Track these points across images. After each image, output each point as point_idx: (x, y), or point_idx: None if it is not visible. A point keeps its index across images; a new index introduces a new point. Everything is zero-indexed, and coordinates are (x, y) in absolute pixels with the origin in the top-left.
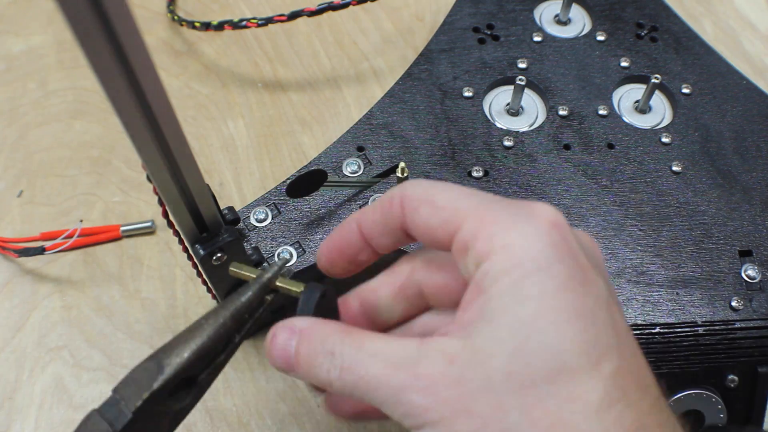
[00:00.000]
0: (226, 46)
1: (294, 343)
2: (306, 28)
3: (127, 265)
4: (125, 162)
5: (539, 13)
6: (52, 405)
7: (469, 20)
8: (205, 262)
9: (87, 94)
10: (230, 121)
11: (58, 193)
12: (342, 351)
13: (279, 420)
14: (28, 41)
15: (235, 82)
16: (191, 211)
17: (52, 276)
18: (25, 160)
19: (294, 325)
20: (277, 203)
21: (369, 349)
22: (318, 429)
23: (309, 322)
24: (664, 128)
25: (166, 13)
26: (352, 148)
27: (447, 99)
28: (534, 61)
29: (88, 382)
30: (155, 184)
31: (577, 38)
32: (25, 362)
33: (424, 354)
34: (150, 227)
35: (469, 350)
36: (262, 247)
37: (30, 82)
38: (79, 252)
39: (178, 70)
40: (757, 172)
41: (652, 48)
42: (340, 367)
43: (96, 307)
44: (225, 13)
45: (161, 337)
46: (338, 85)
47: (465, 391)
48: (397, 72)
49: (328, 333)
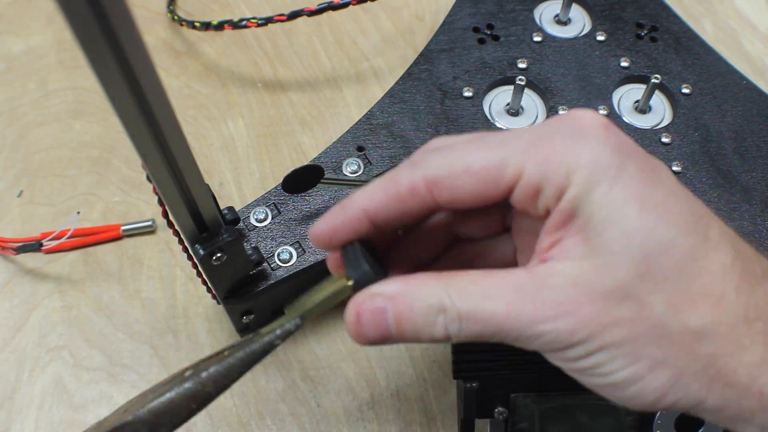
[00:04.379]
0: (226, 46)
1: (389, 311)
2: (306, 27)
3: (127, 265)
4: (125, 162)
5: (539, 13)
6: (52, 405)
7: (469, 20)
8: (205, 262)
9: (87, 94)
10: (230, 121)
11: (58, 193)
12: (453, 302)
13: (279, 420)
14: (28, 41)
15: (235, 82)
16: (191, 211)
17: (52, 276)
18: (25, 160)
19: (381, 292)
20: (277, 203)
21: (480, 292)
22: (318, 429)
23: (397, 285)
24: (664, 128)
25: (166, 13)
26: (352, 148)
27: (447, 99)
28: (534, 61)
29: (88, 382)
30: (155, 184)
31: (577, 38)
32: (25, 362)
33: (542, 282)
34: (151, 226)
35: (590, 268)
36: (262, 247)
37: (30, 82)
38: (79, 252)
39: (178, 70)
40: (757, 172)
41: (652, 48)
42: (459, 319)
43: (96, 307)
44: (225, 13)
45: (161, 337)
46: (338, 85)
47: (604, 305)
48: (397, 72)
49: (426, 289)
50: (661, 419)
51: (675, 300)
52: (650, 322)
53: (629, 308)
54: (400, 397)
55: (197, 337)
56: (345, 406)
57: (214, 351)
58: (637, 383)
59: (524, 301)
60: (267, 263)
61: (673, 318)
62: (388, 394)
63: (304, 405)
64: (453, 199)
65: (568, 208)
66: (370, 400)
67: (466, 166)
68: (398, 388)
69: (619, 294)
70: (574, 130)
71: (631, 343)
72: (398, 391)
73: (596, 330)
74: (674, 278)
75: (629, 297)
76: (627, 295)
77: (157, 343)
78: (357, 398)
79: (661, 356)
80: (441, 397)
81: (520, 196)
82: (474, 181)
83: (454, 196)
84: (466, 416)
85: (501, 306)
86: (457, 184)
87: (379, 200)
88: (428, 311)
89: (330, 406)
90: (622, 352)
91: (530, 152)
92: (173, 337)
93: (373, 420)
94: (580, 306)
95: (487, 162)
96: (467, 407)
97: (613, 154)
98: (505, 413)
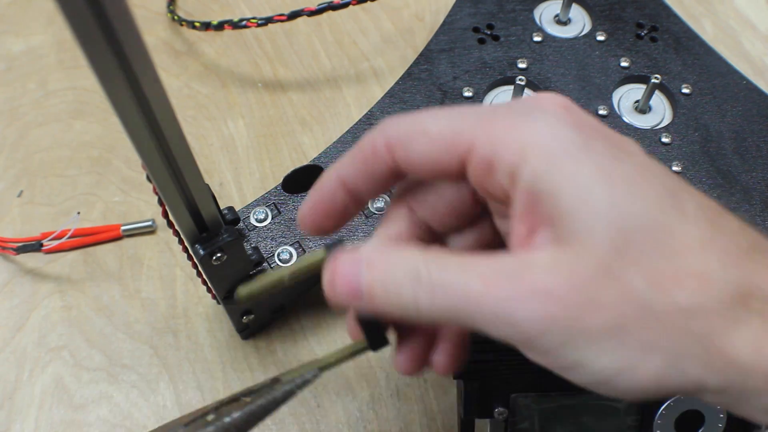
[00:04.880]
0: (226, 46)
1: (364, 272)
2: (306, 27)
3: (127, 265)
4: (125, 162)
5: (539, 13)
6: (52, 405)
7: (469, 20)
8: (205, 262)
9: (87, 94)
10: (230, 121)
11: (58, 193)
12: (429, 271)
13: (279, 420)
14: (28, 41)
15: (235, 82)
16: (191, 211)
17: (52, 276)
18: (25, 160)
19: (359, 253)
20: (277, 203)
21: (458, 265)
22: (318, 429)
23: (376, 248)
24: (664, 128)
25: (166, 13)
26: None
27: (447, 99)
28: (534, 61)
29: (88, 382)
30: (155, 184)
31: (577, 38)
32: (25, 362)
33: (523, 266)
34: (151, 226)
35: (568, 253)
36: (262, 247)
37: (30, 82)
38: (79, 252)
39: (178, 70)
40: (757, 172)
41: (652, 48)
42: (432, 289)
43: (96, 307)
44: (225, 13)
45: (161, 337)
46: (338, 85)
47: (584, 288)
48: (397, 72)
49: (404, 255)
50: (661, 419)
51: (657, 278)
52: (635, 303)
53: (611, 290)
54: (400, 397)
55: (197, 337)
56: (345, 406)
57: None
58: (627, 372)
59: (502, 280)
60: (267, 263)
61: (658, 296)
62: (388, 394)
63: (304, 405)
64: (410, 160)
65: (528, 188)
66: (370, 400)
67: (423, 130)
68: (398, 388)
69: (600, 276)
70: (532, 108)
71: (617, 327)
72: (398, 391)
73: (576, 314)
74: (653, 255)
75: (610, 278)
76: (607, 276)
77: (157, 343)
78: (357, 398)
79: (651, 339)
80: (441, 397)
81: (474, 171)
82: (430, 146)
83: (410, 157)
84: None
85: (477, 282)
86: (413, 146)
87: (348, 165)
88: (400, 276)
89: (330, 406)
90: (607, 338)
91: (483, 126)
92: (173, 337)
93: (373, 420)
94: (561, 291)
95: (442, 128)
96: (467, 407)
97: (575, 132)
98: (505, 413)
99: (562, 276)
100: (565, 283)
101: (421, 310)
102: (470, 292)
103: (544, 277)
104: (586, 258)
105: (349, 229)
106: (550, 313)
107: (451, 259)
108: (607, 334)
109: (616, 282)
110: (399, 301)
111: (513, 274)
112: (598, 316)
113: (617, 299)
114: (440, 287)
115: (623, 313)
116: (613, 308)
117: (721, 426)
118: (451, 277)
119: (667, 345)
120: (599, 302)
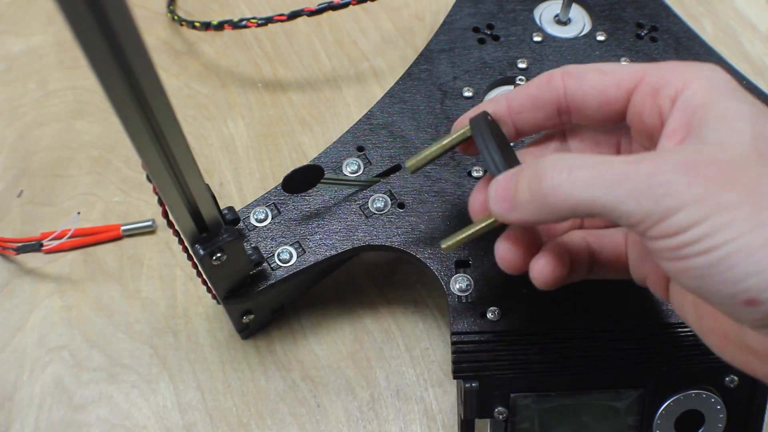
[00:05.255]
0: (226, 46)
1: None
2: (306, 27)
3: (127, 265)
4: (125, 162)
5: (539, 13)
6: (52, 405)
7: (469, 20)
8: (205, 262)
9: (87, 94)
10: (230, 121)
11: (58, 193)
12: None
13: (279, 420)
14: (28, 41)
15: (235, 82)
16: (191, 211)
17: (52, 276)
18: (25, 160)
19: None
20: (277, 203)
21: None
22: (318, 429)
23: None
24: None
25: (166, 13)
26: (352, 148)
27: (447, 99)
28: (534, 61)
29: (88, 382)
30: (155, 184)
31: (577, 38)
32: (25, 362)
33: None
34: (151, 226)
35: (712, 145)
36: (262, 247)
37: (30, 82)
38: (79, 252)
39: (178, 70)
40: None
41: (652, 48)
42: (568, 169)
43: (96, 307)
44: (225, 13)
45: (161, 337)
46: (338, 85)
47: (724, 169)
48: (397, 72)
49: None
50: (661, 419)
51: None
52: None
53: (748, 175)
54: (400, 397)
55: (197, 337)
56: (345, 406)
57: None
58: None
59: (645, 160)
60: (267, 263)
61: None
62: (388, 394)
63: (304, 405)
64: (581, 90)
65: (686, 106)
66: (370, 400)
67: (597, 68)
68: (398, 388)
69: (739, 165)
70: (697, 64)
71: (752, 204)
72: (398, 391)
73: (713, 189)
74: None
75: (747, 166)
76: (744, 164)
77: (157, 343)
78: (357, 398)
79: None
80: (441, 397)
81: (638, 98)
82: (601, 78)
83: (582, 88)
84: (466, 416)
85: (620, 162)
86: (588, 77)
87: (519, 91)
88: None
89: (330, 406)
90: (741, 214)
91: (654, 66)
92: (173, 337)
93: (373, 420)
94: (705, 165)
95: (615, 68)
96: (467, 407)
97: (729, 81)
98: (505, 413)
99: (702, 157)
100: (706, 163)
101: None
102: (611, 166)
103: (689, 156)
104: (727, 149)
105: (349, 228)
106: (688, 180)
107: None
108: (742, 209)
109: (751, 170)
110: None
111: (654, 157)
112: (734, 193)
113: (752, 182)
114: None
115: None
116: (749, 189)
117: (721, 426)
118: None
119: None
120: (736, 182)
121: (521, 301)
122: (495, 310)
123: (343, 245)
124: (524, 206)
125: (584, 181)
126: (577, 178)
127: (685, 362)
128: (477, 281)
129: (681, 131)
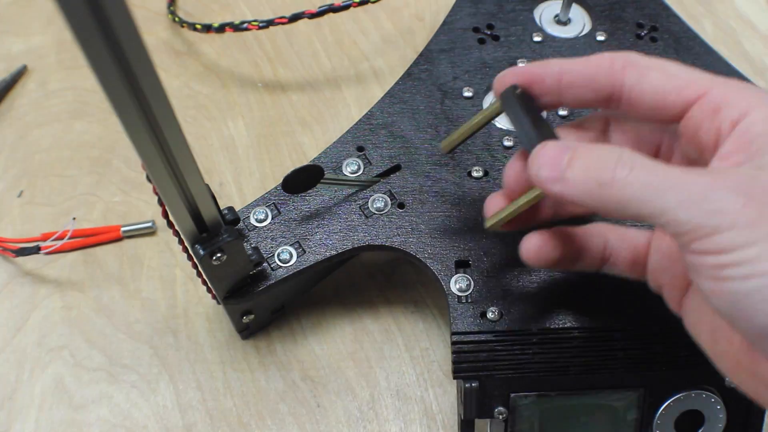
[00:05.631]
0: (226, 46)
1: (567, 156)
2: (306, 28)
3: (127, 265)
4: (125, 162)
5: (539, 13)
6: (52, 405)
7: (469, 20)
8: (205, 262)
9: (87, 94)
10: (230, 121)
11: (58, 193)
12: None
13: (279, 420)
14: (28, 41)
15: (235, 82)
16: (191, 211)
17: (52, 276)
18: (25, 160)
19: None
20: (277, 203)
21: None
22: (318, 429)
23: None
24: None
25: (166, 13)
26: (352, 148)
27: (447, 99)
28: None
29: (88, 382)
30: (155, 184)
31: (577, 38)
32: (25, 362)
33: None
34: (151, 227)
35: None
36: (262, 247)
37: (30, 82)
38: (79, 252)
39: (178, 70)
40: None
41: (652, 48)
42: (630, 166)
43: (96, 307)
44: (225, 13)
45: (161, 337)
46: (338, 85)
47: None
48: (397, 72)
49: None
50: (661, 419)
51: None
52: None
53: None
54: (400, 397)
55: (197, 337)
56: (345, 406)
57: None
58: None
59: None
60: (267, 263)
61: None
62: (388, 394)
63: (304, 405)
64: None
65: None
66: (370, 400)
67: (662, 67)
68: (398, 388)
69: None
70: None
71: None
72: (398, 391)
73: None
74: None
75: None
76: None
77: (157, 343)
78: (357, 398)
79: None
80: (441, 397)
81: (697, 112)
82: (664, 80)
83: (641, 84)
84: (466, 416)
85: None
86: (650, 74)
87: (577, 63)
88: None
89: (330, 406)
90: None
91: (721, 81)
92: (173, 337)
93: (373, 420)
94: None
95: (680, 72)
96: (467, 407)
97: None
98: (505, 413)
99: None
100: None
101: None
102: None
103: (745, 179)
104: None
105: (349, 228)
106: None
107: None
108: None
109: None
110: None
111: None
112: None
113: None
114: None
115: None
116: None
117: (721, 426)
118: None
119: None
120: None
121: (521, 301)
122: (495, 310)
123: (343, 245)
124: (573, 184)
125: (642, 181)
126: (636, 177)
127: (686, 362)
128: (477, 281)
129: (736, 156)
